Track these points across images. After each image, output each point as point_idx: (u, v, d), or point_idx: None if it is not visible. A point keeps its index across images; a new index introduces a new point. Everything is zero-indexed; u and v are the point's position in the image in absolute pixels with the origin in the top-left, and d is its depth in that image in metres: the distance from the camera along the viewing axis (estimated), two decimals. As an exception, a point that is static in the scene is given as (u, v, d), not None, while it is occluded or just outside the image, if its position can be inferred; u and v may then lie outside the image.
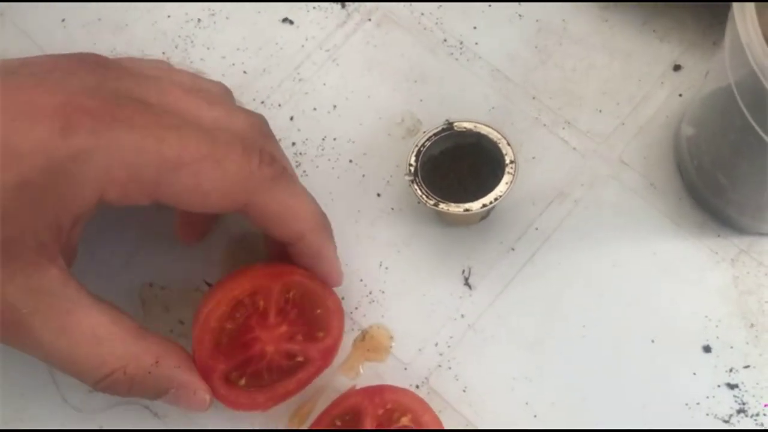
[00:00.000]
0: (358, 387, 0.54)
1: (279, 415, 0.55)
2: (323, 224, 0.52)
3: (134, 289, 0.58)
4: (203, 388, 0.50)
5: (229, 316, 0.50)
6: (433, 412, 0.56)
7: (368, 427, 0.56)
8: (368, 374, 0.56)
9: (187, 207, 0.47)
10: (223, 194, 0.47)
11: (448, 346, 0.58)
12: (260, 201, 0.48)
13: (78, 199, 0.43)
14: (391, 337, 0.58)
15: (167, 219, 0.58)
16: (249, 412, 0.52)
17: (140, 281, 0.56)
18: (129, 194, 0.44)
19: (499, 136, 0.57)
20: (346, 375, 0.57)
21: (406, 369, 0.57)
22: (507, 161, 0.54)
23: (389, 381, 0.54)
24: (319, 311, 0.53)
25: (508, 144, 0.55)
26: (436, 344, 0.58)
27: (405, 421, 0.56)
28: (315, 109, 0.63)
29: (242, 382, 0.52)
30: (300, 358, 0.53)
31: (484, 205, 0.53)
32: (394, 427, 0.56)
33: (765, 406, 0.58)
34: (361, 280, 0.60)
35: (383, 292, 0.59)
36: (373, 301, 0.59)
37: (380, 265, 0.60)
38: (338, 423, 0.57)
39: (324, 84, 0.65)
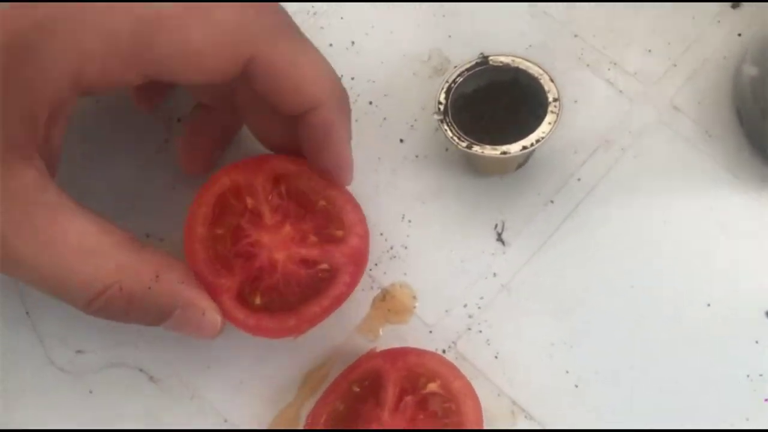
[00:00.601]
0: (378, 350, 0.50)
1: (289, 380, 0.52)
2: (340, 94, 0.45)
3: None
4: (212, 307, 0.44)
5: (216, 220, 0.46)
6: (464, 378, 0.49)
7: (390, 393, 0.49)
8: (389, 337, 0.51)
9: (183, 78, 0.41)
10: (219, 51, 0.40)
11: (479, 308, 0.53)
12: (264, 56, 0.41)
13: (50, 80, 0.37)
14: (415, 297, 0.53)
15: (166, 162, 0.55)
16: (273, 339, 0.47)
17: (137, 233, 0.47)
18: (109, 70, 0.39)
19: (541, 71, 0.50)
20: (365, 337, 0.53)
21: (431, 332, 0.52)
22: (550, 99, 0.49)
23: (412, 344, 0.50)
24: (323, 204, 0.47)
25: (551, 80, 0.49)
26: (465, 305, 0.53)
27: (433, 387, 0.49)
28: (331, 45, 0.58)
29: (257, 300, 0.46)
30: (324, 266, 0.47)
31: (524, 148, 0.49)
32: (420, 393, 0.49)
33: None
34: (382, 234, 0.54)
35: (406, 247, 0.54)
36: (395, 257, 0.54)
37: (403, 218, 0.55)
38: (356, 389, 0.51)
39: (341, 18, 0.59)
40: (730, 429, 0.46)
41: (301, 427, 0.52)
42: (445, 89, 0.51)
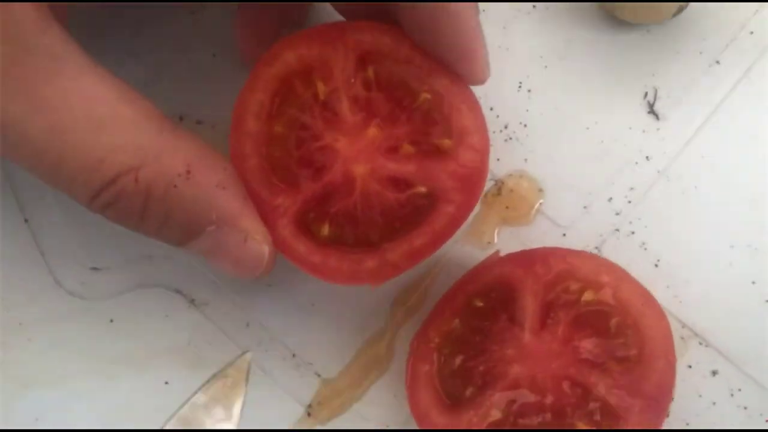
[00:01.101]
0: (501, 254, 0.39)
1: (375, 301, 0.42)
2: None
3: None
4: (260, 231, 0.35)
5: (275, 113, 0.36)
6: (635, 281, 0.36)
7: (529, 307, 0.36)
8: (507, 243, 0.42)
9: None
10: None
11: (629, 202, 0.43)
12: None
13: None
14: (540, 190, 0.43)
15: (204, 28, 0.45)
16: (348, 285, 0.37)
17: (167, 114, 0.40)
18: None
19: None
20: (475, 244, 0.43)
21: (564, 235, 0.43)
22: None
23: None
24: (427, 98, 0.36)
25: None
26: (610, 199, 0.43)
27: (589, 297, 0.34)
28: None
29: (324, 230, 0.36)
30: (421, 189, 0.36)
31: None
32: (573, 305, 0.35)
33: None
34: (492, 110, 0.44)
35: (525, 125, 0.44)
36: (511, 138, 0.44)
37: (520, 88, 0.44)
38: (478, 303, 0.38)
39: None
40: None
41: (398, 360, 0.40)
42: None
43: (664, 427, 0.37)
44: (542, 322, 0.37)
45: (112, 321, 0.42)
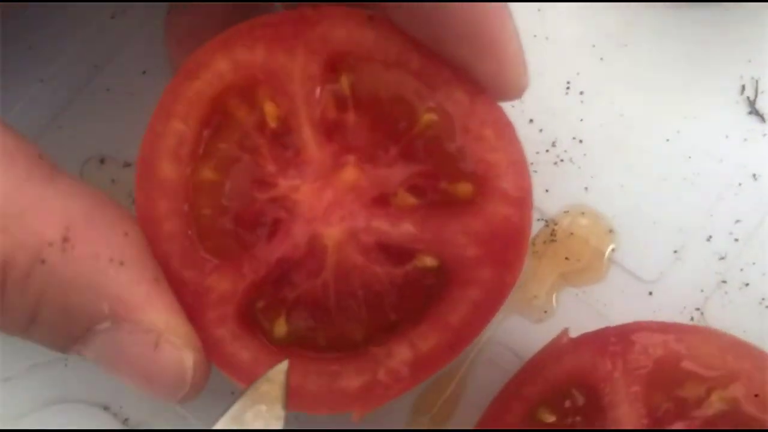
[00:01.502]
0: (571, 333, 0.30)
1: (391, 411, 0.32)
2: None
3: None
4: (181, 330, 0.27)
5: (204, 150, 0.28)
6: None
7: (628, 421, 0.27)
8: (572, 312, 0.33)
9: None
10: None
11: (736, 240, 0.34)
12: None
13: None
14: (611, 231, 0.34)
15: (130, 38, 0.38)
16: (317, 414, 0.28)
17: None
18: None
19: None
20: (524, 314, 0.33)
21: (651, 293, 0.33)
22: None
23: (617, 318, 0.31)
24: (432, 120, 0.27)
25: None
26: (710, 238, 0.34)
27: (720, 402, 0.26)
28: None
29: (281, 328, 0.28)
30: (426, 261, 0.27)
31: None
32: (696, 410, 0.27)
33: None
34: (532, 122, 0.35)
35: (581, 141, 0.35)
36: (563, 160, 0.35)
37: (568, 89, 0.35)
38: (548, 417, 0.28)
39: None
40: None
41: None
42: None
43: None
44: None
45: None
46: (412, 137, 0.28)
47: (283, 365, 0.26)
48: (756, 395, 0.26)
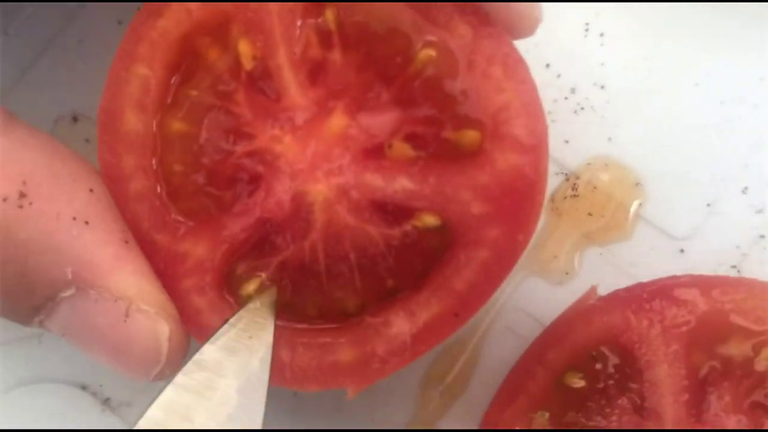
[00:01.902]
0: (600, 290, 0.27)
1: (400, 384, 0.30)
2: None
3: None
4: (154, 298, 0.24)
5: (173, 98, 0.25)
6: None
7: (667, 381, 0.24)
8: (597, 272, 0.30)
9: None
10: None
11: None
12: None
13: None
14: (638, 184, 0.32)
15: None
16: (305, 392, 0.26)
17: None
18: None
19: None
20: (543, 276, 0.30)
21: (682, 251, 0.31)
22: None
23: (643, 274, 0.29)
24: (430, 56, 0.24)
25: None
26: (745, 189, 0.32)
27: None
28: None
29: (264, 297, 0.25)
30: (427, 220, 0.24)
31: None
32: (747, 383, 0.24)
33: None
34: (549, 66, 0.33)
35: (602, 87, 0.33)
36: (583, 108, 0.32)
37: (587, 31, 0.33)
38: (576, 382, 0.26)
39: None
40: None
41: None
42: None
43: None
44: (692, 409, 0.24)
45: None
46: (408, 78, 0.25)
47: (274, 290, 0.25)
48: None
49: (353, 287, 0.26)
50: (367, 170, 0.24)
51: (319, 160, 0.24)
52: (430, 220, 0.25)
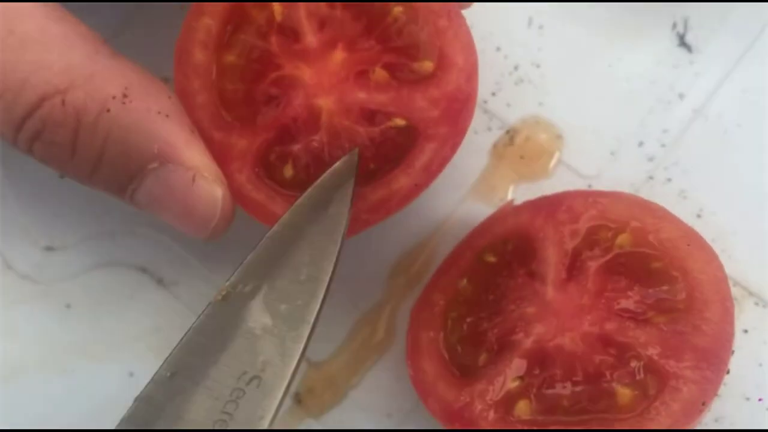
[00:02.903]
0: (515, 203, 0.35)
1: (370, 273, 0.37)
2: None
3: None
4: (212, 169, 0.31)
5: (227, 40, 0.32)
6: (677, 219, 0.29)
7: (551, 258, 0.30)
8: (523, 199, 0.36)
9: None
10: None
11: (663, 145, 0.38)
12: None
13: None
14: (559, 137, 0.38)
15: None
16: None
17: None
18: None
19: None
20: (486, 201, 0.38)
21: (590, 186, 0.38)
22: None
23: None
24: (400, 12, 0.32)
25: None
26: (641, 143, 0.38)
27: (624, 240, 0.29)
28: None
29: (287, 172, 0.32)
30: (399, 122, 0.32)
31: None
32: (606, 256, 0.29)
33: None
34: (499, 50, 0.39)
35: (538, 66, 0.39)
36: (523, 80, 0.39)
37: (530, 24, 0.40)
38: (490, 258, 0.33)
39: None
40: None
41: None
42: None
43: (722, 394, 0.30)
44: (568, 274, 0.31)
45: (68, 306, 0.38)
46: (386, 26, 0.32)
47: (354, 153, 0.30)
48: (654, 237, 0.31)
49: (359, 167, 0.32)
50: (358, 88, 0.32)
51: (325, 82, 0.32)
52: (400, 122, 0.32)
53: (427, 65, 0.32)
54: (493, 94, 0.39)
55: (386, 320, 0.36)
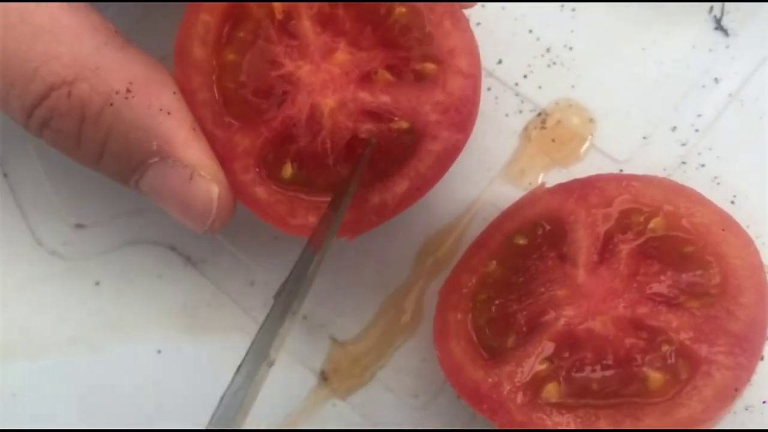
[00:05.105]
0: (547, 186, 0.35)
1: (397, 256, 0.37)
2: None
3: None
4: (210, 167, 0.31)
5: (227, 37, 0.32)
6: (712, 204, 0.29)
7: (582, 241, 0.29)
8: (554, 182, 0.36)
9: None
10: None
11: (696, 130, 0.37)
12: None
13: None
14: (592, 120, 0.38)
15: None
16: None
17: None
18: None
19: None
20: (516, 184, 0.37)
21: (622, 171, 0.37)
22: None
23: None
24: (403, 12, 0.32)
25: None
26: (674, 128, 0.38)
27: (658, 224, 0.28)
28: None
29: (287, 172, 0.32)
30: (401, 124, 0.31)
31: None
32: (639, 240, 0.28)
33: None
34: (531, 32, 0.39)
35: (571, 48, 0.39)
36: (555, 63, 0.39)
37: (562, 6, 0.39)
38: (520, 241, 0.33)
39: None
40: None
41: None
42: None
43: (753, 382, 0.30)
44: (600, 257, 0.31)
45: (97, 283, 0.38)
46: (389, 26, 0.32)
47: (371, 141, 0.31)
48: (688, 221, 0.30)
49: (349, 168, 0.32)
50: (360, 90, 0.32)
51: (327, 82, 0.32)
52: (403, 124, 0.32)
53: (430, 67, 0.32)
54: (525, 76, 0.39)
55: (414, 301, 0.36)
